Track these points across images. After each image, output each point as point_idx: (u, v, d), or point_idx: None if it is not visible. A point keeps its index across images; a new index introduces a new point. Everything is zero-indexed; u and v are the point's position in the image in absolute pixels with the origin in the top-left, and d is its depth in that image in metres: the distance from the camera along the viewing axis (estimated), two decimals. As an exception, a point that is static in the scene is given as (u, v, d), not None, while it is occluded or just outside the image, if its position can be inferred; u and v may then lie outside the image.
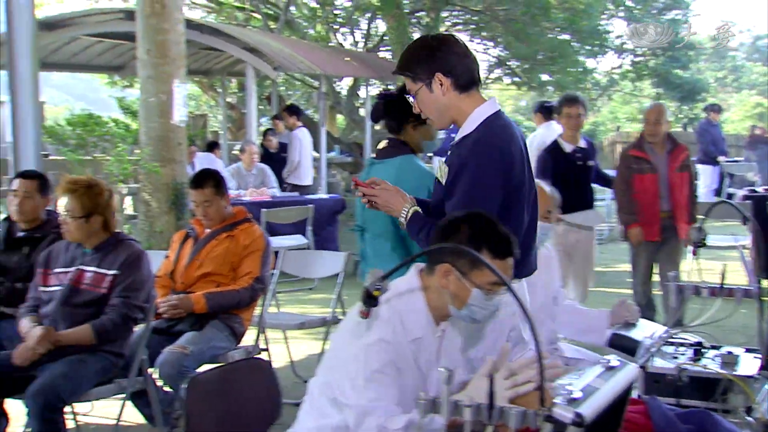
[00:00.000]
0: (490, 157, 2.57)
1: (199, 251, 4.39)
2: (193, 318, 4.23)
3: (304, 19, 18.81)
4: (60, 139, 9.43)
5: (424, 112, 2.76)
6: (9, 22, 6.04)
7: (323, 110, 12.30)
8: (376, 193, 2.73)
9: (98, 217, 3.79)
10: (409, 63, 2.72)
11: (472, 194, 2.56)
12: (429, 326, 2.29)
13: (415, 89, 2.72)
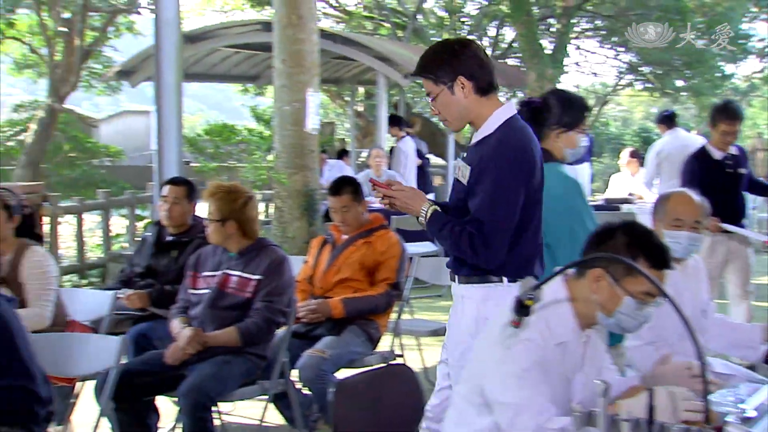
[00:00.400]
0: (513, 157, 2.70)
1: (336, 257, 4.47)
2: (331, 323, 4.32)
3: (432, 27, 18.92)
4: (198, 148, 9.84)
5: (442, 114, 2.83)
6: (157, 36, 6.33)
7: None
8: (394, 194, 2.81)
9: (233, 222, 3.92)
10: (432, 66, 2.80)
11: (496, 194, 2.69)
12: (574, 332, 2.28)
13: (437, 92, 2.79)
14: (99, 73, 18.26)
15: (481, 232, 2.68)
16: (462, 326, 2.87)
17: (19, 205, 4.17)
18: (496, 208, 2.69)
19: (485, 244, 2.69)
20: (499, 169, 2.68)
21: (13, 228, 4.11)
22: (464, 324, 2.86)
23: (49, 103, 16.45)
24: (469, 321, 2.84)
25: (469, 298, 2.86)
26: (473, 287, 2.84)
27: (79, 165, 18.45)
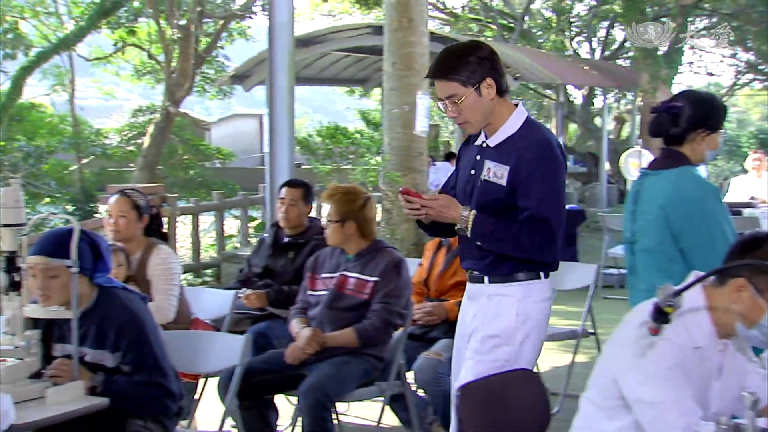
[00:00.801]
0: (558, 154, 2.85)
1: (452, 261, 4.45)
2: (447, 325, 4.30)
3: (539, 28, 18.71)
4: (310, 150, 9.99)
5: (466, 115, 2.85)
6: (270, 40, 6.46)
7: (561, 120, 12.15)
8: (429, 203, 2.84)
9: (352, 222, 3.95)
10: (460, 68, 2.82)
11: (555, 192, 2.83)
12: (711, 339, 2.21)
13: (465, 94, 2.82)
14: (212, 78, 18.79)
15: (549, 230, 2.78)
16: (498, 324, 2.92)
17: (148, 205, 4.32)
18: (557, 205, 2.83)
19: (552, 241, 2.81)
20: (552, 167, 2.82)
21: (142, 228, 4.28)
22: (502, 322, 2.91)
23: (165, 107, 17.02)
24: (509, 319, 2.91)
25: (507, 296, 2.93)
26: (512, 286, 2.92)
27: (192, 167, 19.05)
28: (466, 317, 3.09)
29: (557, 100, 12.76)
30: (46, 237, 3.08)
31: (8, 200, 2.90)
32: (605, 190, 14.22)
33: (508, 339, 2.89)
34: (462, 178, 3.06)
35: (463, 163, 3.10)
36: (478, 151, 2.98)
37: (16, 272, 2.92)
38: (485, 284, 2.97)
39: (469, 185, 2.97)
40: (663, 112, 3.10)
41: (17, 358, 2.93)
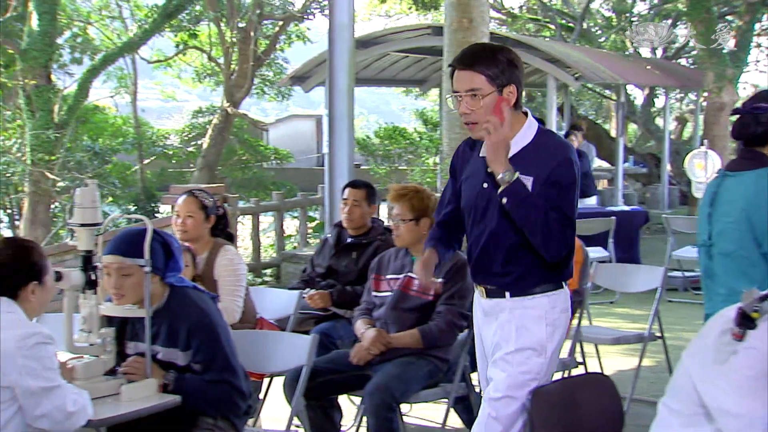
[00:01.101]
0: (578, 162, 2.83)
1: (517, 262, 4.42)
2: (512, 328, 4.27)
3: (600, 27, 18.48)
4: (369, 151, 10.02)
5: (480, 115, 2.78)
6: (330, 41, 6.48)
7: (622, 121, 11.98)
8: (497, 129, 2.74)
9: (427, 219, 3.94)
10: (490, 63, 2.78)
11: (576, 200, 2.81)
12: None
13: (488, 91, 2.77)
14: (271, 80, 18.97)
15: (572, 229, 2.80)
16: (529, 337, 2.86)
17: (215, 206, 4.37)
18: (575, 212, 2.82)
19: (570, 240, 2.80)
20: (576, 176, 2.80)
21: (209, 228, 4.33)
22: (533, 335, 2.86)
23: (224, 108, 17.24)
24: (540, 331, 2.87)
25: (532, 308, 2.89)
26: (538, 298, 2.89)
27: (250, 167, 19.28)
28: (485, 333, 3.03)
29: (618, 99, 12.56)
30: (121, 237, 3.13)
31: (85, 200, 2.97)
32: (666, 191, 13.98)
33: (540, 351, 2.85)
34: (470, 191, 2.97)
35: (467, 175, 3.00)
36: (487, 164, 2.85)
37: (92, 271, 2.98)
38: (506, 299, 2.92)
39: (483, 199, 2.90)
40: (747, 113, 3.02)
41: (93, 355, 3.00)
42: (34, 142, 11.91)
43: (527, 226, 2.74)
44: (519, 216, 2.73)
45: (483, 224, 2.92)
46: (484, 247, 2.93)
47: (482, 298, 3.01)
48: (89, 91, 14.06)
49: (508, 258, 2.88)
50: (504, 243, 2.87)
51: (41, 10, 12.13)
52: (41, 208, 12.51)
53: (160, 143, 18.50)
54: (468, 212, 2.98)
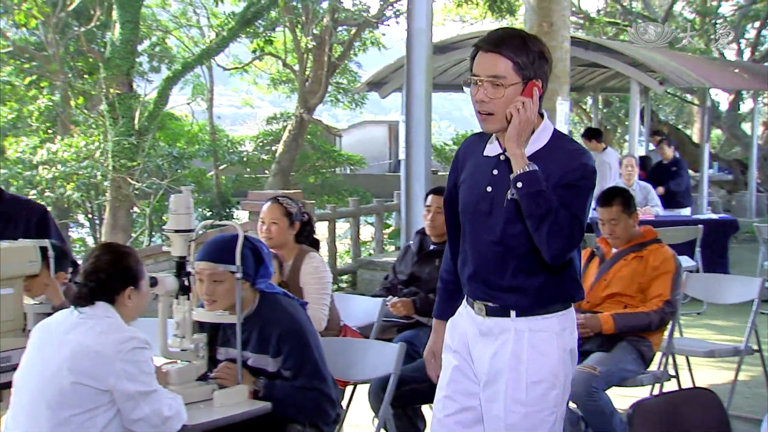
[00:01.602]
0: (595, 169, 2.60)
1: (606, 271, 4.34)
2: (601, 338, 4.19)
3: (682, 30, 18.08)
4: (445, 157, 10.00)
5: (499, 106, 2.52)
6: (408, 46, 6.47)
7: (707, 126, 11.68)
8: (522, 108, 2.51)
9: None
10: (520, 51, 2.51)
11: (588, 208, 2.57)
12: None
13: (513, 81, 2.51)
14: (345, 88, 19.13)
15: (580, 232, 2.54)
16: (542, 366, 2.59)
17: (299, 212, 4.41)
18: (586, 217, 2.58)
19: (575, 242, 2.55)
20: (592, 184, 2.58)
21: (294, 235, 4.36)
22: (546, 363, 2.60)
23: (299, 114, 17.44)
24: (553, 358, 2.60)
25: (544, 331, 2.61)
26: (549, 318, 2.62)
27: (323, 173, 19.47)
28: (478, 353, 2.69)
29: (703, 104, 12.26)
30: (212, 243, 3.18)
31: (179, 207, 3.02)
32: (754, 199, 13.59)
33: (555, 381, 2.60)
34: (472, 193, 2.68)
35: (467, 175, 2.73)
36: (494, 165, 2.63)
37: (185, 277, 3.03)
38: (511, 318, 2.61)
39: (486, 204, 2.62)
40: None
41: (185, 360, 3.05)
42: (115, 148, 12.24)
43: (534, 215, 2.46)
44: (528, 204, 2.46)
45: (485, 231, 2.63)
46: (486, 258, 2.64)
47: (479, 317, 2.68)
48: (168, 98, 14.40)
49: (516, 270, 2.61)
50: (512, 253, 2.60)
51: (124, 20, 12.47)
52: (122, 213, 12.85)
53: (236, 150, 18.81)
54: (465, 220, 2.71)
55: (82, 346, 2.70)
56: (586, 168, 2.54)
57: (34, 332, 2.87)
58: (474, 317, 2.70)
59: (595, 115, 16.51)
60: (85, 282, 2.82)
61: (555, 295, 2.62)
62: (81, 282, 2.83)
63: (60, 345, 2.73)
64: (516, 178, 2.46)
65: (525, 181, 2.45)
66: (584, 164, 2.55)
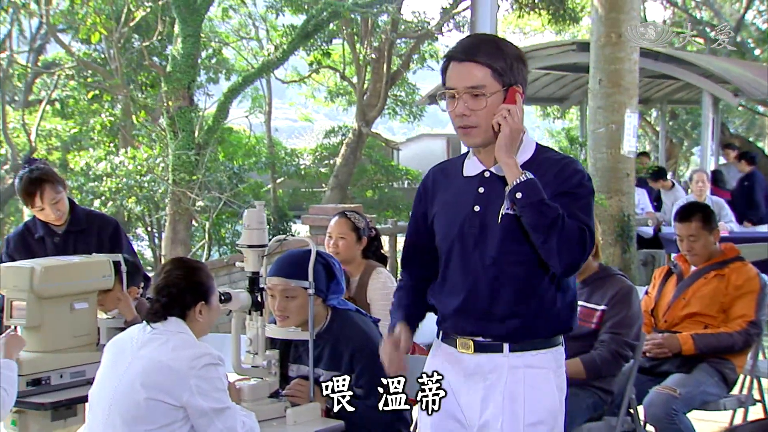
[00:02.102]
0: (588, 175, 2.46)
1: (685, 289, 4.25)
2: (680, 359, 4.10)
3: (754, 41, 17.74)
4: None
5: (482, 118, 2.36)
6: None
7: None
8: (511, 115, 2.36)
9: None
10: (497, 57, 2.36)
11: (592, 212, 2.42)
12: None
13: (494, 90, 2.35)
14: (403, 100, 19.16)
15: (590, 237, 2.34)
16: (539, 406, 2.41)
17: (367, 227, 4.41)
18: (593, 222, 2.42)
19: (587, 250, 2.35)
20: (586, 186, 2.41)
21: (361, 250, 4.36)
22: (543, 403, 2.42)
23: (357, 128, 17.50)
24: (551, 397, 2.43)
25: (540, 368, 2.43)
26: (545, 354, 2.44)
27: (381, 187, 19.48)
28: (465, 399, 2.47)
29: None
30: (285, 258, 3.19)
31: (252, 222, 3.04)
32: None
33: (554, 424, 2.43)
34: (456, 217, 2.47)
35: (444, 202, 2.52)
36: (478, 183, 2.45)
37: (258, 293, 3.04)
38: (504, 354, 2.42)
39: (475, 225, 2.42)
40: None
41: (258, 377, 3.05)
42: (176, 162, 12.42)
43: (540, 226, 2.28)
44: (532, 215, 2.29)
45: (478, 254, 2.42)
46: (479, 284, 2.43)
47: (466, 354, 2.46)
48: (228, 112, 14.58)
49: (513, 295, 2.41)
50: (508, 275, 2.40)
51: (186, 33, 12.67)
52: (181, 227, 13.02)
53: (294, 163, 18.94)
54: (450, 246, 2.48)
55: (155, 361, 2.72)
56: (581, 175, 2.41)
57: (108, 348, 2.90)
58: (458, 357, 2.49)
59: (662, 128, 16.25)
60: (158, 297, 2.85)
61: (552, 324, 2.47)
62: (153, 297, 2.86)
63: (133, 361, 2.76)
64: (514, 188, 2.31)
65: (524, 190, 2.29)
66: (577, 170, 2.41)
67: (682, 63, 10.31)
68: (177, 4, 12.69)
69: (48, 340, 3.28)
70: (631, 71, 8.77)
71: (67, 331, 3.34)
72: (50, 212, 3.93)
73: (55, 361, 3.29)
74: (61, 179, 3.98)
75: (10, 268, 3.30)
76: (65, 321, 3.33)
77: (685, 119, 22.63)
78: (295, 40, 14.46)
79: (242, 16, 19.56)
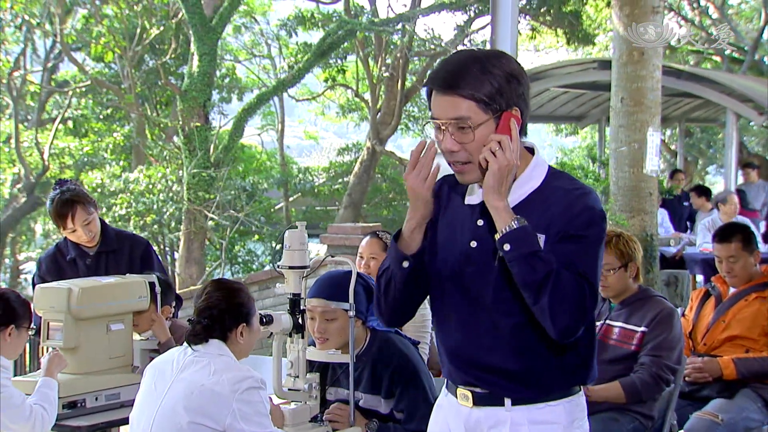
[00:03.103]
0: (604, 213, 2.13)
1: (724, 312, 4.19)
2: (720, 384, 4.04)
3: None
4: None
5: (473, 152, 2.07)
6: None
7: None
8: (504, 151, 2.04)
9: (634, 264, 3.80)
10: (480, 82, 2.05)
11: (599, 264, 2.10)
12: None
13: (480, 120, 2.05)
14: (416, 116, 19.18)
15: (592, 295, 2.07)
16: None
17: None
18: (597, 277, 2.12)
19: (588, 310, 2.07)
20: (602, 233, 2.11)
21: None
22: None
23: (371, 146, 17.52)
24: None
25: (546, 423, 2.15)
26: (552, 407, 2.16)
27: (395, 206, 19.48)
28: None
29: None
30: (325, 279, 3.16)
31: (294, 243, 3.01)
32: None
33: None
34: (451, 250, 2.20)
35: (448, 222, 2.23)
36: (478, 215, 2.16)
37: (300, 314, 3.01)
38: (505, 408, 2.16)
39: (471, 263, 2.16)
40: None
41: (299, 401, 3.01)
42: (191, 181, 12.44)
43: (531, 283, 2.01)
44: (521, 270, 2.01)
45: (473, 297, 2.16)
46: (474, 330, 2.17)
47: (465, 407, 2.22)
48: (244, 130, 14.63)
49: (512, 346, 2.14)
50: (506, 323, 2.14)
51: (202, 52, 12.74)
52: (195, 246, 13.03)
53: (308, 180, 18.96)
54: (443, 283, 2.22)
55: (197, 385, 2.70)
56: (592, 212, 2.09)
57: (148, 371, 2.88)
58: (458, 408, 2.23)
59: (680, 147, 16.21)
60: (199, 319, 2.83)
61: (561, 377, 2.17)
62: (194, 319, 2.83)
63: (174, 383, 2.73)
64: (502, 239, 2.02)
65: (513, 241, 2.01)
66: (590, 207, 2.09)
67: (704, 81, 10.29)
68: (193, 23, 12.76)
69: (84, 361, 3.26)
70: (653, 89, 8.73)
71: (103, 353, 3.32)
72: (82, 233, 3.91)
73: (91, 384, 3.27)
74: (93, 200, 3.97)
75: (47, 289, 3.29)
76: (101, 342, 3.31)
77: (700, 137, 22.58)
78: (311, 58, 14.51)
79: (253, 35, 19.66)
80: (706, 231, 8.70)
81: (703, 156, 24.57)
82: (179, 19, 14.58)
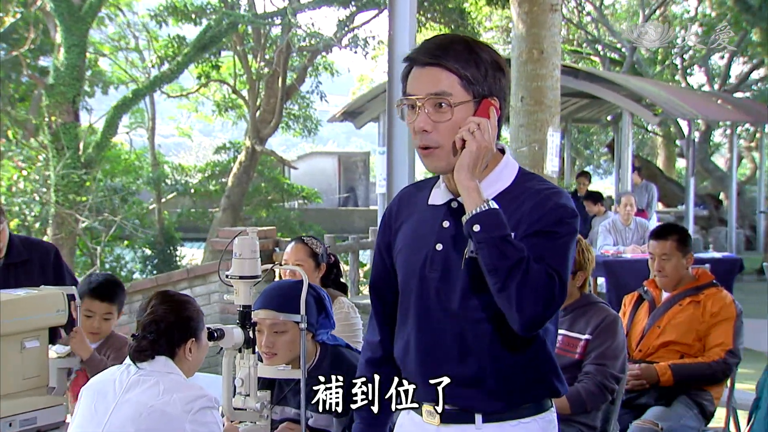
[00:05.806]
0: (577, 214, 2.10)
1: (659, 317, 4.27)
2: (657, 391, 4.12)
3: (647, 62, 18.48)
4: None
5: (445, 135, 2.04)
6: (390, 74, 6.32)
7: (693, 160, 11.85)
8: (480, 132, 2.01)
9: (583, 273, 3.82)
10: (467, 61, 2.03)
11: (570, 263, 2.06)
12: None
13: (461, 99, 2.03)
14: (297, 114, 19.03)
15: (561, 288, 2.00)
16: None
17: (326, 253, 4.26)
18: (567, 271, 2.06)
19: (556, 302, 2.02)
20: (574, 232, 2.07)
21: (320, 277, 4.21)
22: None
23: (251, 145, 17.24)
24: None
25: None
26: (524, 424, 2.12)
27: (275, 207, 19.26)
28: None
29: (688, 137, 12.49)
30: (274, 289, 3.04)
31: (245, 251, 2.85)
32: (734, 235, 13.83)
33: None
34: (416, 255, 2.14)
35: (410, 231, 2.19)
36: (443, 215, 2.13)
37: (250, 328, 2.86)
38: (476, 426, 2.09)
39: (437, 266, 2.10)
40: None
41: (250, 421, 2.87)
42: (60, 182, 11.88)
43: (499, 269, 1.93)
44: (490, 254, 1.93)
45: (438, 303, 2.10)
46: (441, 340, 2.10)
47: (431, 425, 2.13)
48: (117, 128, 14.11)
49: (482, 354, 2.08)
50: (475, 330, 2.08)
51: (70, 43, 12.20)
52: (65, 252, 12.43)
53: (182, 180, 18.49)
54: (408, 292, 2.16)
55: (146, 406, 2.56)
56: (563, 210, 2.05)
57: (84, 392, 2.69)
58: (423, 428, 2.15)
59: (568, 147, 16.70)
60: (144, 334, 2.66)
61: (534, 389, 2.14)
62: (139, 334, 2.66)
63: (120, 405, 2.58)
64: (471, 219, 1.95)
65: (483, 222, 1.94)
66: (561, 205, 2.05)
67: (601, 81, 10.61)
68: (60, 11, 12.20)
69: (-4, 384, 2.99)
70: (553, 89, 8.89)
71: (17, 374, 3.05)
72: (-8, 246, 3.63)
73: (4, 408, 3.00)
74: (1, 209, 3.68)
75: (-45, 306, 3.00)
76: (15, 362, 3.05)
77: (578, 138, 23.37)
78: (191, 51, 14.14)
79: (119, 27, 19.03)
80: (606, 233, 8.96)
81: (580, 156, 25.44)
82: (39, 7, 13.91)
